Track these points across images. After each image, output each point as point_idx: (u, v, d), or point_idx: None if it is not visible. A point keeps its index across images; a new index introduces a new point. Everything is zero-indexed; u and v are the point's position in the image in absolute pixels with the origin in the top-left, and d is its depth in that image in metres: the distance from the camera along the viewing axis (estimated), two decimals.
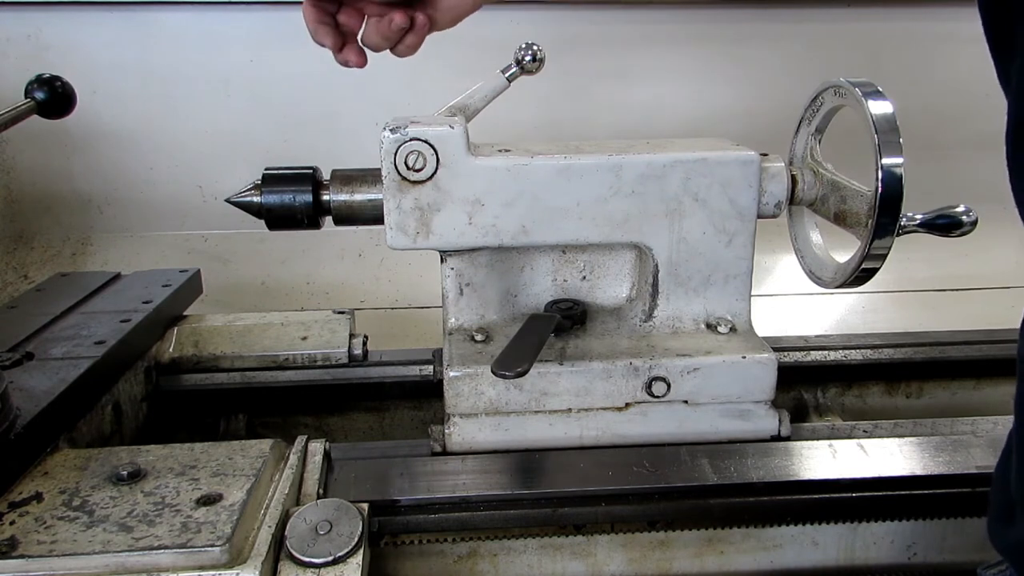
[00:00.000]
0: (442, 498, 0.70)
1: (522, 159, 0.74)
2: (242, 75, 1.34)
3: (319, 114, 1.37)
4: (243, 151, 1.38)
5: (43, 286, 1.01)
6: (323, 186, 0.77)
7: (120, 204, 1.40)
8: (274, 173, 0.77)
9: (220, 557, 0.53)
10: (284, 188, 0.76)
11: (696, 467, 0.73)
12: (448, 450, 0.77)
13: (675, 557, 0.77)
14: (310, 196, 0.76)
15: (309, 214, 0.76)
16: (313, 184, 0.76)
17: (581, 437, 0.78)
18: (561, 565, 0.76)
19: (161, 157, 1.38)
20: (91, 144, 1.36)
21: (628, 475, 0.72)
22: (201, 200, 1.40)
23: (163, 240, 1.42)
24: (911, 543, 0.79)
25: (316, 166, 0.78)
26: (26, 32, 1.28)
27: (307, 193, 0.76)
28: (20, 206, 1.38)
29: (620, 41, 1.38)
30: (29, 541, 0.53)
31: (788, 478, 0.72)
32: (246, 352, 0.95)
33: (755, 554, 0.78)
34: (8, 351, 0.76)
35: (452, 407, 0.77)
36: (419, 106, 1.33)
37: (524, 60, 0.77)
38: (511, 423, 0.77)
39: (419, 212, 0.74)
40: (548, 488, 0.71)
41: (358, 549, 0.57)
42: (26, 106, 0.75)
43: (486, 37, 1.35)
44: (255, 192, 0.77)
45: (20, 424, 0.62)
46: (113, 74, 1.32)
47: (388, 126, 0.72)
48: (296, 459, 0.68)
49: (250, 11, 1.32)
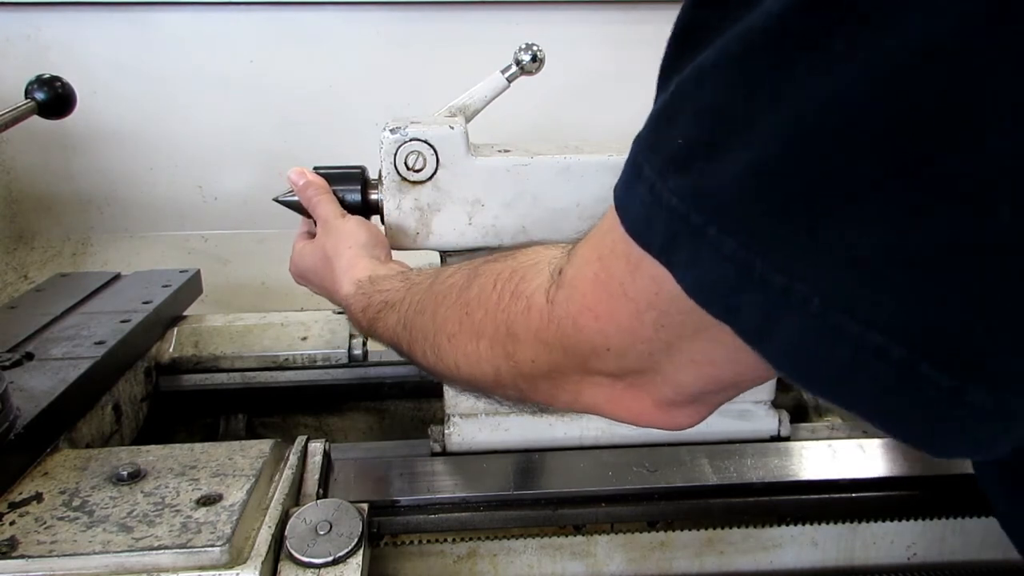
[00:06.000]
0: (442, 498, 0.70)
1: (522, 159, 0.74)
2: (242, 75, 1.34)
3: (319, 114, 1.37)
4: (243, 151, 1.38)
5: (43, 286, 1.01)
6: (371, 185, 0.77)
7: (120, 204, 1.40)
8: (323, 172, 0.77)
9: (220, 557, 0.53)
10: (333, 187, 0.76)
11: (696, 467, 0.73)
12: (448, 450, 0.77)
13: (675, 557, 0.77)
14: (359, 195, 0.76)
15: (359, 212, 0.76)
16: (362, 183, 0.76)
17: (581, 437, 0.78)
18: (561, 565, 0.76)
19: (161, 157, 1.38)
20: (91, 144, 1.36)
21: (628, 475, 0.72)
22: (201, 200, 1.40)
23: (163, 240, 1.41)
24: (911, 543, 0.79)
25: (364, 165, 0.79)
26: (26, 32, 1.28)
27: (356, 192, 0.76)
28: (20, 206, 1.37)
29: (620, 41, 1.38)
30: (29, 541, 0.53)
31: (788, 478, 0.72)
32: (246, 352, 0.95)
33: (755, 554, 0.78)
34: (8, 351, 0.76)
35: (452, 407, 0.77)
36: (419, 106, 1.33)
37: (524, 60, 0.77)
38: (511, 423, 0.77)
39: (419, 212, 0.74)
40: (548, 488, 0.71)
41: (358, 549, 0.57)
42: (26, 106, 0.75)
43: (486, 37, 1.35)
44: None
45: (20, 424, 0.62)
46: (113, 74, 1.32)
47: (388, 126, 0.72)
48: (296, 459, 0.68)
49: (250, 11, 1.32)
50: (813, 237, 0.26)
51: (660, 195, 0.32)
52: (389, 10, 1.33)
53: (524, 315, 0.43)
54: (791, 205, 0.27)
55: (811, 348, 0.27)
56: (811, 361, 0.28)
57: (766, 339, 0.29)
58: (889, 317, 0.26)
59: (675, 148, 0.31)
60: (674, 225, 0.31)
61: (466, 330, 0.48)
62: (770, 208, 0.27)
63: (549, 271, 0.43)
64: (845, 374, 0.27)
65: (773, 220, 0.27)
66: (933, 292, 0.25)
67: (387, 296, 0.61)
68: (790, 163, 0.26)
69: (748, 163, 0.28)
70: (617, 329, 0.38)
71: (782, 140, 0.27)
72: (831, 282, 0.26)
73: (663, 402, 0.41)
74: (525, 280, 0.44)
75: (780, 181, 0.27)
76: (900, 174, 0.24)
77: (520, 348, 0.44)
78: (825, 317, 0.26)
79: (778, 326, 0.28)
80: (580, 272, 0.39)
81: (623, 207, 0.36)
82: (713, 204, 0.29)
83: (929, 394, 0.26)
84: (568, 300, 0.40)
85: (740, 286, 0.29)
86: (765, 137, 0.27)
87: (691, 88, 0.31)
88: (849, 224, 0.25)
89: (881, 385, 0.27)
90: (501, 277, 0.46)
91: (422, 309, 0.54)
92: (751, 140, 0.28)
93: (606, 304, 0.38)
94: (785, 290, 0.27)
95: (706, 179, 0.29)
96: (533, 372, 0.45)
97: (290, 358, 0.95)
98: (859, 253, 0.25)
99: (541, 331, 0.42)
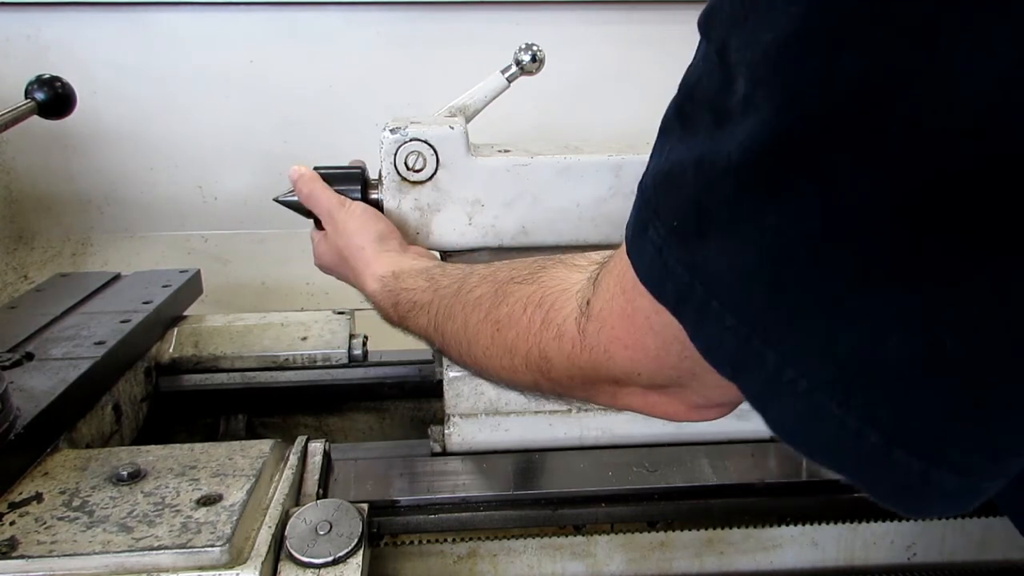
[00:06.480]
0: (442, 498, 0.70)
1: (522, 159, 0.74)
2: (242, 75, 1.34)
3: (319, 114, 1.37)
4: (243, 151, 1.38)
5: (43, 286, 1.01)
6: (371, 185, 0.77)
7: (120, 204, 1.40)
8: (323, 172, 0.77)
9: (220, 557, 0.53)
10: (334, 187, 0.76)
11: (696, 467, 0.73)
12: (448, 450, 0.77)
13: (675, 557, 0.77)
14: (359, 195, 0.76)
15: None
16: (362, 183, 0.76)
17: (581, 437, 0.78)
18: (561, 565, 0.76)
19: (161, 157, 1.37)
20: (91, 144, 1.36)
21: (628, 475, 0.72)
22: (201, 200, 1.40)
23: (163, 240, 1.41)
24: (911, 543, 0.79)
25: (363, 165, 0.79)
26: (26, 32, 1.28)
27: (356, 192, 0.76)
28: (20, 206, 1.37)
29: (620, 41, 1.38)
30: (29, 541, 0.53)
31: (788, 478, 0.72)
32: (246, 352, 0.95)
33: (755, 554, 0.78)
34: (8, 351, 0.76)
35: (452, 407, 0.77)
36: (419, 106, 1.34)
37: (524, 60, 0.77)
38: (511, 423, 0.77)
39: (419, 212, 0.74)
40: (548, 488, 0.71)
41: (358, 549, 0.57)
42: (26, 107, 0.74)
43: (486, 37, 1.35)
44: None
45: (20, 424, 0.62)
46: (113, 74, 1.32)
47: (388, 126, 0.72)
48: (296, 459, 0.68)
49: (250, 11, 1.32)
50: (799, 329, 0.29)
51: (667, 261, 0.34)
52: (389, 10, 1.33)
53: (556, 342, 0.45)
54: (777, 298, 0.29)
55: (801, 423, 0.30)
56: (802, 434, 0.31)
57: (767, 406, 0.32)
58: (864, 407, 0.28)
59: (674, 223, 0.34)
60: (682, 291, 0.33)
61: (499, 346, 0.50)
62: (757, 299, 0.30)
63: (577, 302, 0.45)
64: (831, 448, 0.30)
65: (762, 309, 0.30)
66: (901, 394, 0.27)
67: (414, 296, 0.63)
68: (771, 270, 0.29)
69: (731, 264, 0.30)
70: (646, 357, 0.40)
71: (763, 252, 0.29)
72: (815, 368, 0.29)
73: (694, 406, 0.44)
74: (555, 309, 0.46)
75: (763, 281, 0.30)
76: (866, 289, 0.27)
77: (555, 369, 0.47)
78: (811, 397, 0.29)
79: (774, 398, 0.31)
80: (608, 306, 0.42)
81: (635, 258, 0.38)
82: (711, 282, 0.32)
83: (903, 474, 0.29)
84: (599, 332, 0.42)
85: (741, 357, 0.31)
86: (748, 248, 0.30)
87: (685, 170, 0.33)
88: (831, 321, 0.28)
89: (862, 460, 0.29)
90: (531, 302, 0.48)
91: (451, 316, 0.56)
92: (733, 244, 0.30)
93: (634, 336, 0.40)
94: (778, 367, 0.30)
95: (703, 260, 0.32)
96: (570, 385, 0.47)
97: (290, 358, 0.95)
98: (838, 349, 0.28)
99: (574, 357, 0.44)
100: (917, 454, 0.28)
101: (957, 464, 0.28)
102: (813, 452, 0.31)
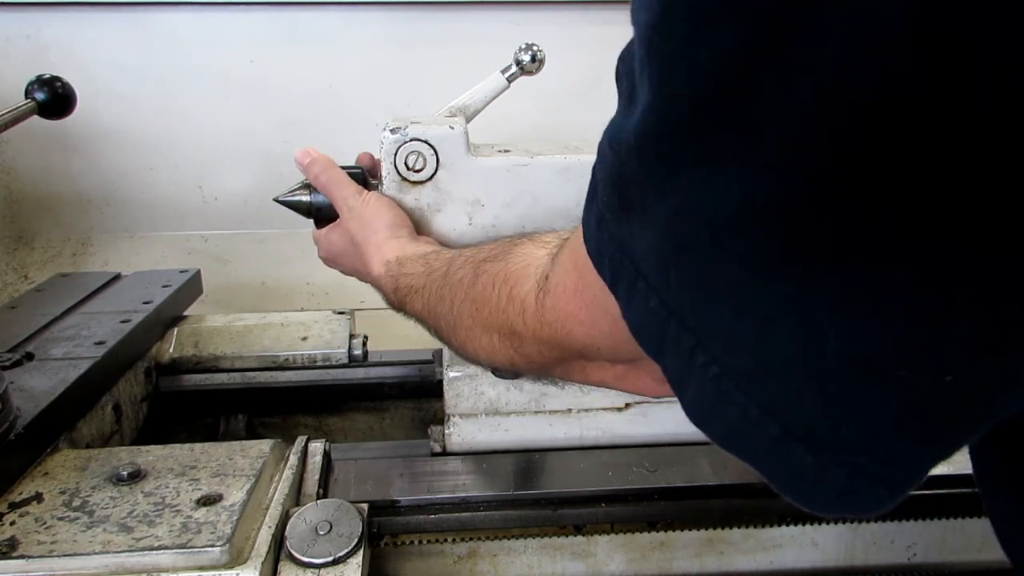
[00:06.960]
0: (442, 498, 0.70)
1: (522, 159, 0.74)
2: (242, 75, 1.34)
3: (319, 114, 1.37)
4: (243, 151, 1.38)
5: (43, 286, 1.01)
6: (372, 185, 0.77)
7: (120, 204, 1.40)
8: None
9: (220, 557, 0.53)
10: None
11: (696, 467, 0.73)
12: (448, 450, 0.77)
13: (675, 557, 0.77)
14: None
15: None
16: (362, 183, 0.76)
17: (581, 437, 0.78)
18: (561, 565, 0.76)
19: (161, 157, 1.38)
20: (91, 144, 1.36)
21: (628, 475, 0.72)
22: (201, 200, 1.40)
23: (163, 240, 1.41)
24: (911, 543, 0.79)
25: (364, 166, 0.79)
26: (26, 32, 1.28)
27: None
28: (20, 206, 1.37)
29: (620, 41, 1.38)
30: (29, 541, 0.53)
31: None
32: (246, 352, 0.95)
33: (755, 554, 0.78)
34: (8, 351, 0.76)
35: (452, 407, 0.77)
36: (419, 106, 1.33)
37: (524, 60, 0.77)
38: (511, 423, 0.77)
39: (419, 212, 0.74)
40: (548, 488, 0.71)
41: (358, 549, 0.57)
42: (26, 107, 0.74)
43: (486, 37, 1.35)
44: (304, 192, 0.77)
45: (20, 424, 0.62)
46: (113, 74, 1.32)
47: (388, 126, 0.72)
48: (296, 459, 0.68)
49: (250, 11, 1.32)
50: (709, 314, 0.29)
51: (603, 236, 0.34)
52: (389, 10, 1.33)
53: (520, 317, 0.46)
54: (689, 281, 0.29)
55: (711, 409, 0.30)
56: (711, 421, 0.30)
57: (684, 390, 0.31)
58: (764, 398, 0.28)
59: (604, 198, 0.33)
60: (615, 268, 0.33)
61: (478, 324, 0.51)
62: (673, 281, 0.29)
63: (536, 278, 0.45)
64: (736, 436, 0.30)
65: (677, 291, 0.30)
66: (794, 387, 0.27)
67: (411, 280, 0.63)
68: (679, 253, 0.29)
69: (650, 245, 0.30)
70: (601, 334, 0.40)
71: (670, 234, 0.29)
72: (721, 355, 0.29)
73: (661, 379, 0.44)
74: (518, 284, 0.47)
75: (675, 263, 0.29)
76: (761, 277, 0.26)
77: (524, 344, 0.47)
78: (719, 384, 0.29)
79: (689, 382, 0.30)
80: (561, 281, 0.42)
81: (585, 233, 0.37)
82: (638, 260, 0.31)
83: (801, 467, 0.28)
84: (555, 307, 0.42)
85: (663, 338, 0.31)
86: (660, 229, 0.29)
87: (610, 144, 0.32)
88: (734, 308, 0.27)
89: (763, 451, 0.29)
90: (498, 279, 0.48)
91: (440, 297, 0.57)
92: (649, 223, 0.30)
93: (587, 312, 0.40)
94: (691, 351, 0.30)
95: (629, 236, 0.32)
96: (541, 362, 0.48)
97: (290, 358, 0.95)
98: (741, 337, 0.28)
99: (538, 332, 0.45)
100: (812, 450, 0.28)
101: (850, 463, 0.27)
102: (720, 439, 0.31)
